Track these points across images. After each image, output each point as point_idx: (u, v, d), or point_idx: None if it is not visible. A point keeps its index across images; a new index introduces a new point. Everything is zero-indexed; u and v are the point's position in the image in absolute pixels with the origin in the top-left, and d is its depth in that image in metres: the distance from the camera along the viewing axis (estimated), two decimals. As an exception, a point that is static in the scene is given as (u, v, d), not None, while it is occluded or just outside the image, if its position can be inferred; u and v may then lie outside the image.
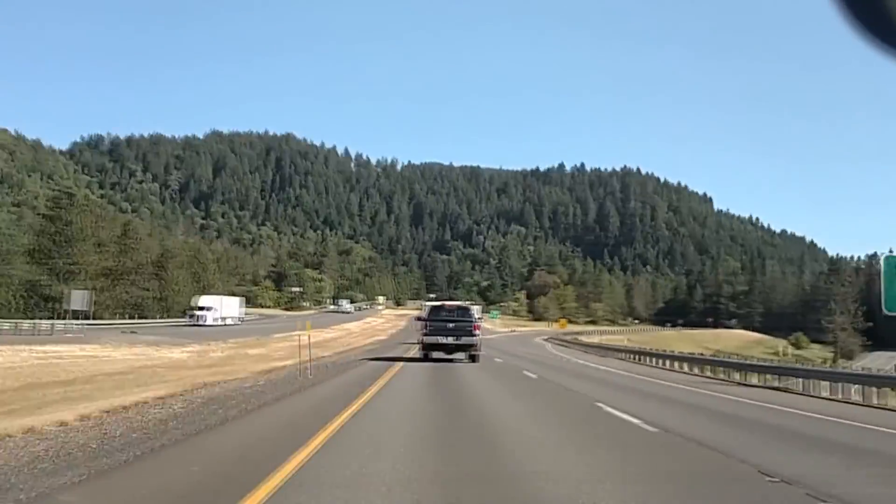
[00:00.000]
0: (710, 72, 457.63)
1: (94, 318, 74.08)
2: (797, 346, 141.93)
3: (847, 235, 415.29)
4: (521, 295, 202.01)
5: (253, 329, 78.88)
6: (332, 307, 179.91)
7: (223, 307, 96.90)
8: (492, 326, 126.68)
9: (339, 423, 11.69)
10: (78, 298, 66.99)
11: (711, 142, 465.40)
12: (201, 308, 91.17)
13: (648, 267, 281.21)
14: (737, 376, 32.26)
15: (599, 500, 6.76)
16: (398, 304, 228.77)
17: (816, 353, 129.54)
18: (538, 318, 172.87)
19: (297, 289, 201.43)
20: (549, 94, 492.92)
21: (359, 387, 19.22)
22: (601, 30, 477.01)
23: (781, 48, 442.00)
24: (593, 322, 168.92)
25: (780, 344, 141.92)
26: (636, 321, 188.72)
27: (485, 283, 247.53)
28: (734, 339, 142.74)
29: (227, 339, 53.22)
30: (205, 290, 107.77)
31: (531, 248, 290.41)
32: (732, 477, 8.39)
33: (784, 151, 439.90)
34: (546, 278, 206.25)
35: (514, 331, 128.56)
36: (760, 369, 32.26)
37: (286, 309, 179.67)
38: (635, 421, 13.67)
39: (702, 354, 56.90)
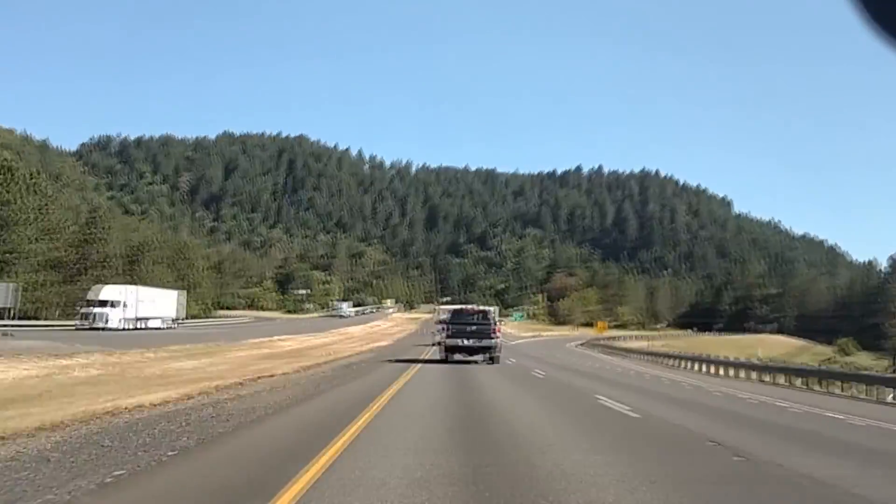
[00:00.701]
0: (727, 74, 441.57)
1: (32, 317, 59.36)
2: (845, 352, 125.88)
3: (864, 239, 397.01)
4: (541, 297, 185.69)
5: (201, 334, 60.90)
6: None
7: (141, 303, 67.85)
8: (514, 330, 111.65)
9: None
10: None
11: (730, 144, 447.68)
12: (98, 303, 63.18)
13: (667, 270, 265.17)
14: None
15: None
16: (411, 307, 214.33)
17: (871, 361, 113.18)
18: (561, 322, 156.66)
19: (304, 291, 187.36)
20: (565, 96, 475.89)
21: None
22: (616, 32, 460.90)
23: (797, 48, 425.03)
24: (622, 326, 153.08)
25: (827, 350, 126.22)
26: (666, 325, 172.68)
27: (501, 286, 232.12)
28: (779, 346, 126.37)
29: (166, 345, 37.95)
30: (190, 290, 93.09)
31: (547, 251, 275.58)
32: None
33: (803, 154, 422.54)
34: (566, 281, 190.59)
35: (541, 335, 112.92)
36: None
37: (289, 312, 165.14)
38: None
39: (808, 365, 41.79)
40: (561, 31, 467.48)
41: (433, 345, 52.84)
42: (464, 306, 47.67)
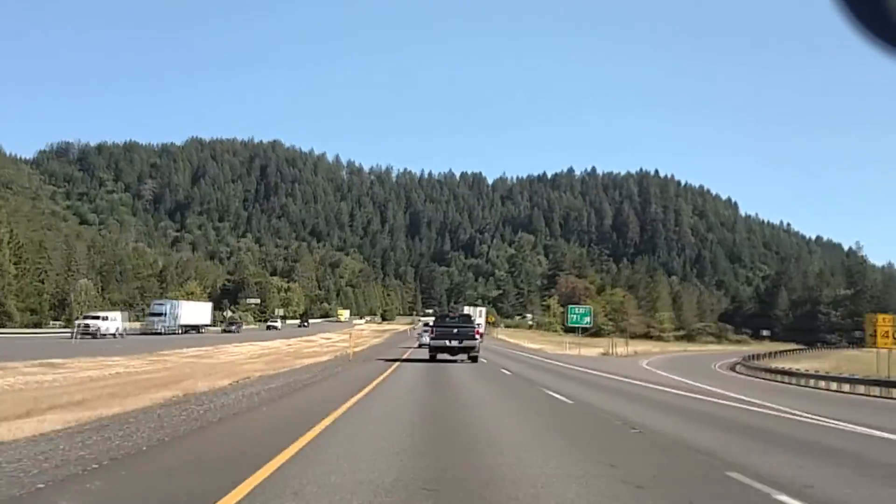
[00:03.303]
0: (722, 74, 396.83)
1: None
2: None
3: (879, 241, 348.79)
4: (553, 302, 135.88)
5: None
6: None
7: None
8: (555, 349, 64.71)
9: None
10: None
11: (731, 145, 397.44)
12: None
13: (674, 276, 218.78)
14: None
15: None
16: (388, 318, 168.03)
17: None
18: (594, 333, 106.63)
19: (256, 301, 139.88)
20: (552, 98, 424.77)
21: None
22: (604, 32, 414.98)
23: (790, 48, 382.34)
24: (687, 338, 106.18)
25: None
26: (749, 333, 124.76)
27: (495, 294, 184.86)
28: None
29: None
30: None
31: (549, 256, 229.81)
32: None
33: (809, 155, 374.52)
34: (575, 283, 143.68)
35: (605, 354, 60.85)
36: None
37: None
38: None
39: None
40: (547, 32, 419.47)
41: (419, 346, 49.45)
42: (447, 312, 55.92)
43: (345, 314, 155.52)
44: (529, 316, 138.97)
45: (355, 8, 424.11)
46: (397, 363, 31.58)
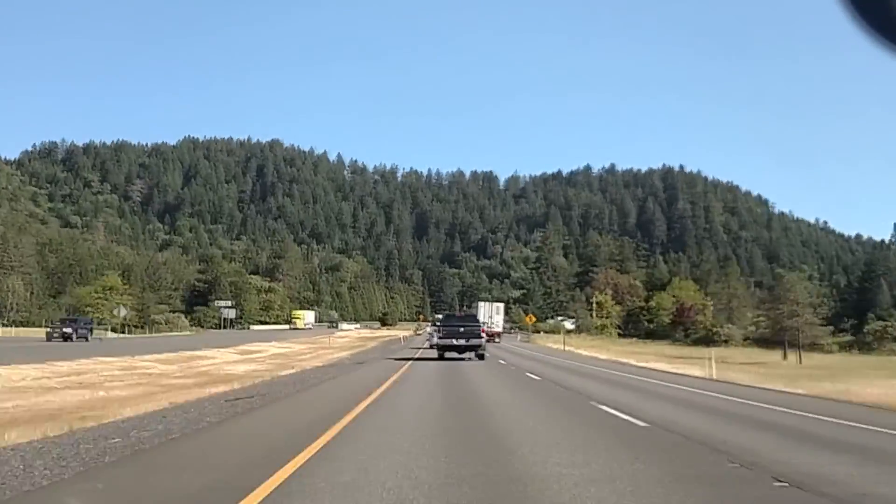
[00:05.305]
0: (735, 69, 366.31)
1: None
2: None
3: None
4: (605, 298, 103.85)
5: None
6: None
7: None
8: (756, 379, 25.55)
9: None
10: None
11: (758, 141, 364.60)
12: None
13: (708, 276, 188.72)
14: None
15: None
16: (386, 323, 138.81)
17: None
18: (697, 340, 74.48)
19: (227, 303, 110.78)
20: (564, 95, 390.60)
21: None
22: (612, 28, 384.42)
23: (801, 41, 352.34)
24: (857, 345, 76.74)
25: None
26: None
27: (516, 294, 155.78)
28: None
29: None
30: None
31: (561, 258, 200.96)
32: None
33: (832, 152, 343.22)
34: (616, 278, 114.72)
35: None
36: None
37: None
38: None
39: None
40: (558, 28, 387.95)
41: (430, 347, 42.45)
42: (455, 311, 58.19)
43: (305, 317, 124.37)
44: (570, 319, 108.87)
45: (360, 3, 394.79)
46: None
